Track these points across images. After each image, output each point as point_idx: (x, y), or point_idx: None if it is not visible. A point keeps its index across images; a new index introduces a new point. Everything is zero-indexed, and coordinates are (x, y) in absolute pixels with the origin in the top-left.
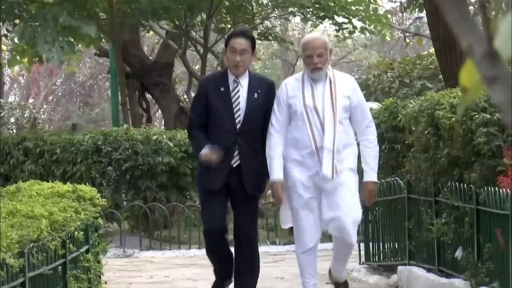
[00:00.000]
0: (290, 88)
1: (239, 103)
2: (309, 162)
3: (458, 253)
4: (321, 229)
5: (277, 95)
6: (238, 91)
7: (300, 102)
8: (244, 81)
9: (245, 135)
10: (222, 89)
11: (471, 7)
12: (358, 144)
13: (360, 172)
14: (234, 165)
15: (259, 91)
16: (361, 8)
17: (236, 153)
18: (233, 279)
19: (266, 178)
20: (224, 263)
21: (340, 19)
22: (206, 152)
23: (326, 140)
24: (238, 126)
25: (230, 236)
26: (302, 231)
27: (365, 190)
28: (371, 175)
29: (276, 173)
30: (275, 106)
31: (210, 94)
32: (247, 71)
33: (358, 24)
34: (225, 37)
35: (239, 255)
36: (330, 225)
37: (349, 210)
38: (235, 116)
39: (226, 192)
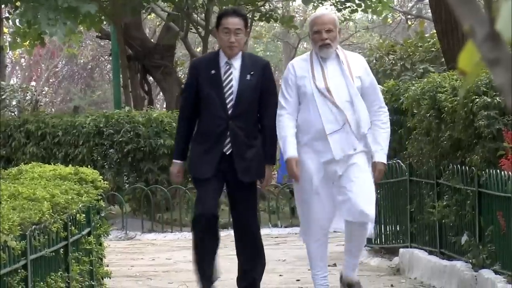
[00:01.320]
0: (298, 69)
1: (232, 86)
2: (320, 147)
3: (465, 239)
4: (334, 216)
5: (284, 76)
6: (231, 73)
7: (310, 83)
8: (237, 63)
9: (238, 120)
10: (213, 71)
11: None
12: None
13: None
14: (226, 152)
15: (252, 72)
16: None
17: (228, 140)
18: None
19: (264, 164)
20: (208, 257)
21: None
22: (173, 171)
23: (341, 122)
24: (230, 111)
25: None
26: (312, 219)
27: (375, 170)
28: (381, 156)
29: (290, 150)
30: (283, 87)
31: (200, 78)
32: (240, 52)
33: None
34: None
35: (241, 249)
36: (342, 208)
37: (360, 190)
38: (227, 100)
39: (221, 178)
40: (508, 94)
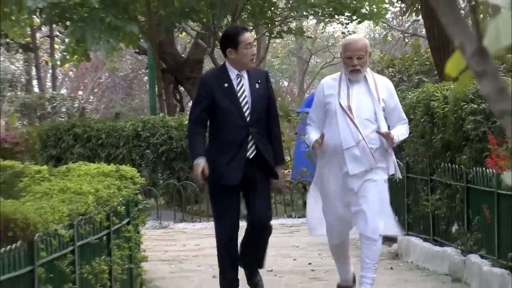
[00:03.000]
0: (326, 87)
1: (245, 96)
2: (338, 161)
3: (455, 228)
4: (352, 225)
5: (316, 93)
6: (242, 84)
7: (335, 101)
8: (245, 74)
9: (256, 126)
10: (225, 85)
11: (462, 11)
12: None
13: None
14: (250, 157)
15: (259, 81)
16: (366, 6)
17: (250, 144)
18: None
19: (275, 164)
20: (232, 262)
21: (347, 15)
22: (202, 164)
23: (356, 139)
24: (248, 119)
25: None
26: (331, 227)
27: (387, 138)
28: (394, 132)
29: (313, 136)
30: (313, 103)
31: (215, 93)
32: None
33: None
34: (227, 33)
35: (252, 237)
36: (356, 218)
37: (372, 206)
38: (244, 109)
39: (240, 187)
40: (495, 102)
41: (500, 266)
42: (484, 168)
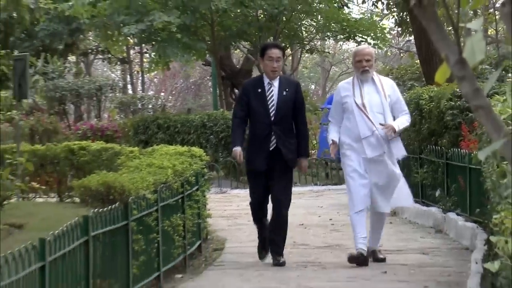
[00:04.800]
0: (343, 90)
1: (273, 100)
2: (357, 147)
3: (438, 193)
4: (369, 200)
5: (334, 95)
6: (272, 91)
7: (351, 100)
8: (276, 83)
9: (278, 124)
10: (259, 90)
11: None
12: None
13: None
14: (271, 148)
15: (287, 89)
16: (372, 31)
17: (272, 138)
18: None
19: (300, 156)
20: (261, 225)
21: (358, 38)
22: (239, 151)
23: (371, 130)
24: (272, 118)
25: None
26: (354, 196)
27: (387, 124)
28: (395, 123)
29: (333, 135)
30: (332, 104)
31: (250, 95)
32: (278, 75)
33: (371, 42)
34: (261, 46)
35: (274, 217)
36: (371, 197)
37: (383, 186)
38: (270, 110)
39: (266, 175)
40: (471, 100)
41: (471, 221)
42: (459, 149)
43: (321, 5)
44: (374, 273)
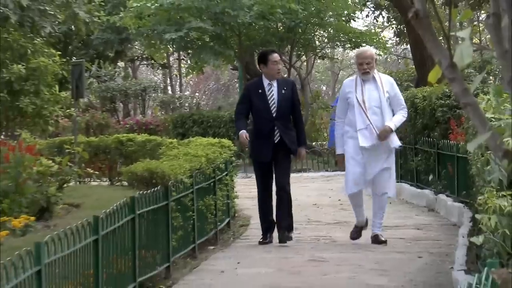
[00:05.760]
0: (347, 87)
1: (274, 99)
2: (356, 137)
3: (430, 178)
4: (364, 183)
5: (340, 91)
6: (272, 90)
7: (353, 96)
8: (275, 83)
9: (279, 120)
10: (260, 91)
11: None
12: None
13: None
14: (275, 141)
15: (285, 88)
16: (375, 39)
17: (275, 132)
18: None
19: (299, 146)
20: (267, 213)
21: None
22: (244, 133)
23: (366, 123)
24: (274, 114)
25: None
26: (347, 180)
27: (383, 129)
28: (390, 123)
29: (339, 149)
30: (339, 98)
31: (252, 95)
32: None
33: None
34: (260, 53)
35: (278, 196)
36: (371, 181)
37: (381, 173)
38: (271, 108)
39: (271, 164)
40: (461, 98)
41: (459, 201)
42: (448, 141)
43: (331, 19)
44: (377, 245)
